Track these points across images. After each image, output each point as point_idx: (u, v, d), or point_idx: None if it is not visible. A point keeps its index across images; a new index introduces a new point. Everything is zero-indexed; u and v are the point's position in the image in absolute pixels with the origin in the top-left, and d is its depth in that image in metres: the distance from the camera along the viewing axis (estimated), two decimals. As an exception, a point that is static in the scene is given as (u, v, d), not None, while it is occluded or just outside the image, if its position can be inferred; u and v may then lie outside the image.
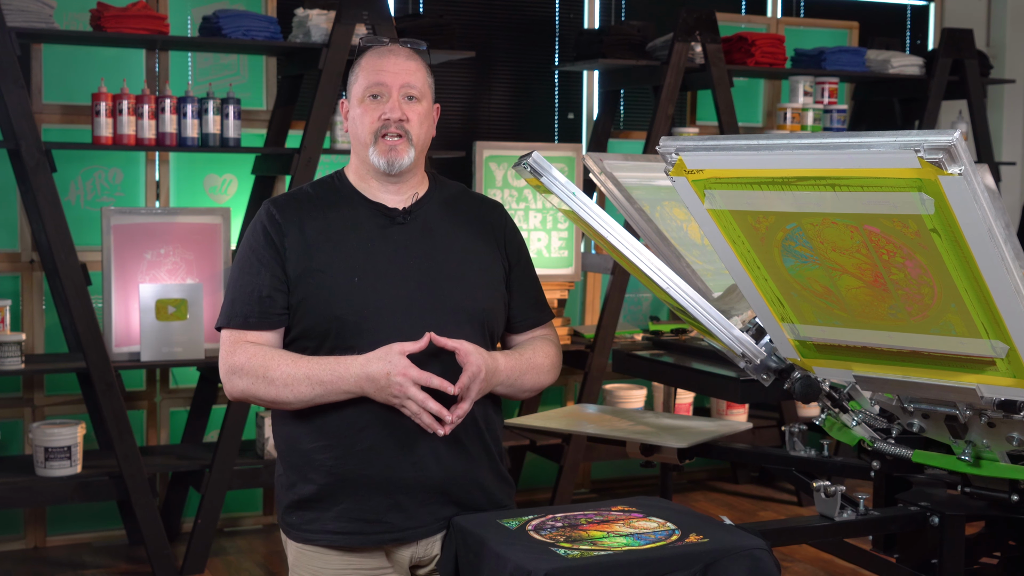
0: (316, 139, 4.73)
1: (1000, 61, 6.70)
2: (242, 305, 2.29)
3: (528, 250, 2.50)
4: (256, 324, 2.29)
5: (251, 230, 2.35)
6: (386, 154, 2.31)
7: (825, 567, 4.76)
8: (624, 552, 2.01)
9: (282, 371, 2.23)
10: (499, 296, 2.40)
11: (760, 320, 2.21)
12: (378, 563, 2.32)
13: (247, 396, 2.28)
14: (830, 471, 2.59)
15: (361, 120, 2.32)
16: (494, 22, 5.78)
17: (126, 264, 4.66)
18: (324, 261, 2.29)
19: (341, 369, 2.21)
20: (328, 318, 2.26)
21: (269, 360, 2.24)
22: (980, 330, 1.85)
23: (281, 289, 2.28)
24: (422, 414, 2.18)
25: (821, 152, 1.76)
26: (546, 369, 2.42)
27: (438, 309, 2.29)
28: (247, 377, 2.26)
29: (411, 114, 2.32)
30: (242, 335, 2.29)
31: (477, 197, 2.50)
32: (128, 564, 4.81)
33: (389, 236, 2.33)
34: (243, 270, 2.32)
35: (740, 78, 6.03)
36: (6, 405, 4.90)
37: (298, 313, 2.29)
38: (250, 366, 2.25)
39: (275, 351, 2.27)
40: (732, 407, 5.54)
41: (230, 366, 2.29)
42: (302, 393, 2.22)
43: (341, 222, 2.33)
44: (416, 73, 2.34)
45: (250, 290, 2.29)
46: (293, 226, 2.31)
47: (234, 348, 2.29)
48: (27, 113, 4.33)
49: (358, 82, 2.34)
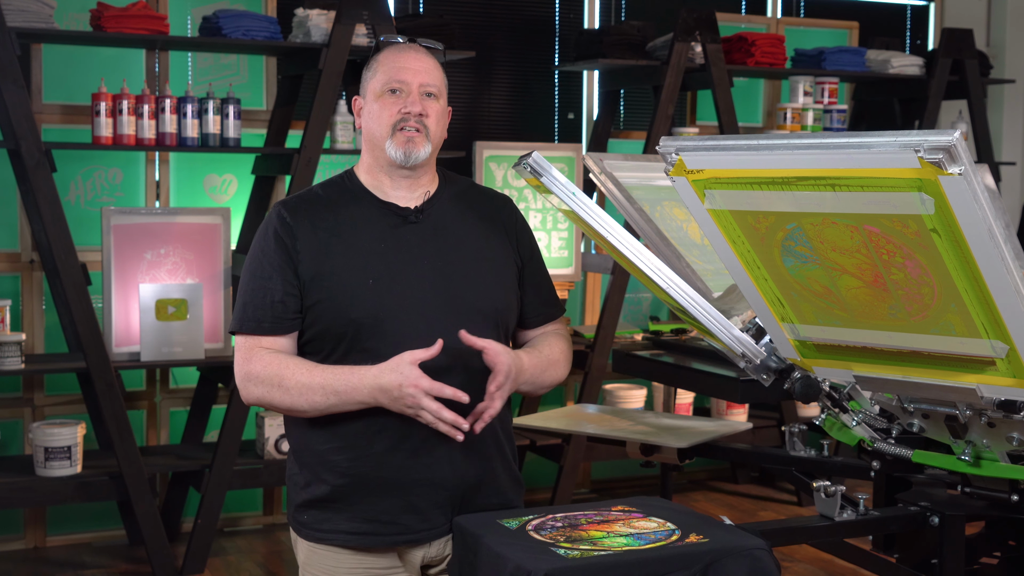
0: (316, 139, 4.72)
1: (1000, 61, 6.69)
2: (254, 310, 2.28)
3: (538, 244, 2.50)
4: (269, 329, 2.28)
5: (262, 233, 2.33)
6: (404, 145, 2.30)
7: (825, 567, 4.76)
8: (624, 552, 2.01)
9: (297, 380, 2.22)
10: (513, 294, 2.40)
11: (760, 320, 2.21)
12: (390, 563, 2.31)
13: (262, 403, 2.28)
14: (830, 471, 2.59)
15: (379, 115, 2.31)
16: (494, 22, 5.78)
17: (126, 264, 4.66)
18: (338, 263, 2.27)
19: (355, 380, 2.20)
20: (344, 321, 2.25)
21: (284, 368, 2.23)
22: (980, 330, 1.85)
23: (293, 293, 2.27)
24: (438, 424, 2.18)
25: (821, 152, 1.76)
26: (563, 364, 2.43)
27: (453, 309, 2.28)
28: (262, 385, 2.25)
29: (430, 110, 2.32)
30: (256, 341, 2.28)
31: (487, 192, 2.49)
32: (128, 564, 4.81)
33: (402, 236, 2.32)
34: (254, 274, 2.30)
35: (740, 78, 6.03)
36: (6, 405, 4.90)
37: (312, 315, 2.27)
38: (265, 374, 2.24)
39: (290, 359, 2.26)
40: (732, 407, 5.54)
41: (245, 373, 2.27)
42: (316, 402, 2.22)
43: (353, 223, 2.31)
44: (435, 72, 2.34)
45: (262, 295, 2.28)
46: (304, 228, 2.29)
47: (249, 355, 2.27)
48: (27, 113, 4.33)
49: (376, 77, 2.33)
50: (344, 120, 4.90)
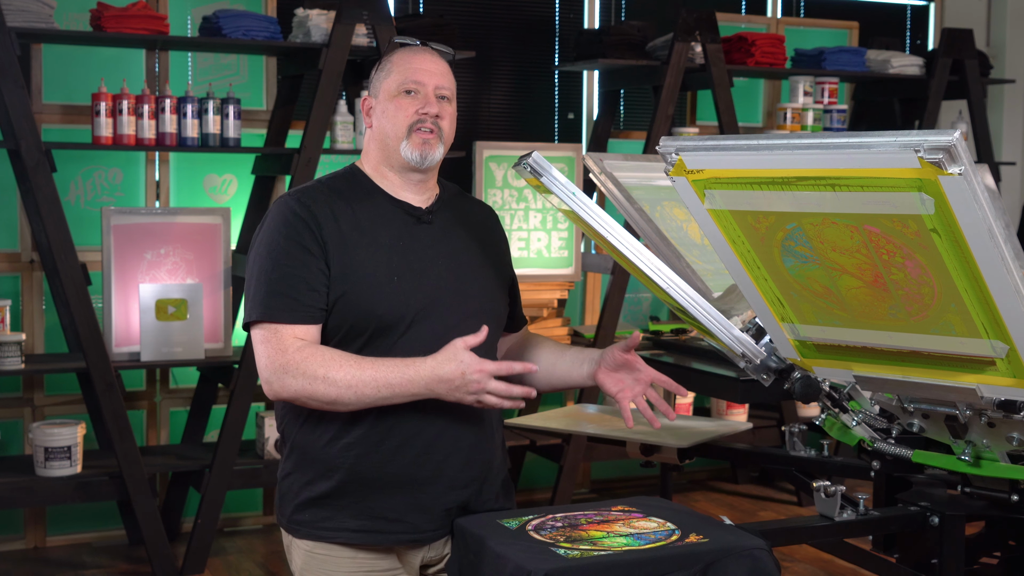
0: (316, 139, 4.72)
1: (1000, 61, 6.69)
2: (284, 297, 2.19)
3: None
4: (303, 317, 2.19)
5: (278, 220, 2.25)
6: (420, 147, 2.30)
7: (825, 567, 4.75)
8: (624, 552, 2.01)
9: (345, 372, 2.14)
10: (506, 299, 2.45)
11: (760, 320, 2.21)
12: (390, 564, 2.30)
13: (300, 396, 2.17)
14: (830, 471, 2.58)
15: (395, 115, 2.30)
16: (494, 22, 5.78)
17: (126, 264, 4.66)
18: (364, 257, 2.24)
19: (411, 373, 2.15)
20: (369, 317, 2.22)
21: (329, 360, 2.15)
22: (980, 330, 1.85)
23: (325, 283, 2.22)
24: (504, 402, 2.17)
25: (821, 152, 1.76)
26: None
27: (465, 310, 2.30)
28: (303, 378, 2.15)
29: (444, 112, 2.34)
30: (289, 330, 2.18)
31: (475, 200, 2.53)
32: (128, 564, 4.81)
33: (417, 235, 2.32)
34: (279, 261, 2.21)
35: (740, 78, 6.03)
36: (6, 405, 4.90)
37: (335, 309, 2.23)
38: (306, 366, 2.14)
39: (331, 351, 2.18)
40: (732, 407, 5.54)
41: (281, 365, 2.16)
42: (366, 396, 2.15)
43: (370, 218, 2.29)
44: (448, 75, 2.38)
45: (294, 281, 2.20)
46: (327, 218, 2.25)
47: (283, 345, 2.17)
48: (27, 113, 4.33)
49: (391, 78, 2.32)
50: (344, 120, 4.90)
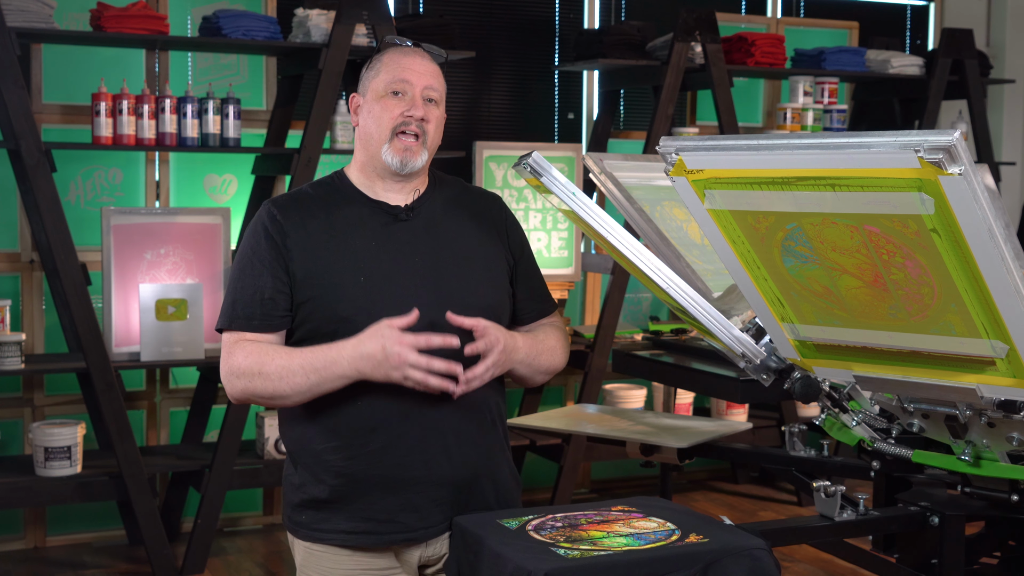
0: (316, 139, 4.73)
1: (1000, 61, 6.69)
2: (244, 307, 2.27)
3: (528, 241, 2.50)
4: (258, 326, 2.27)
5: (251, 231, 2.33)
6: (401, 154, 2.29)
7: (825, 567, 4.75)
8: (624, 552, 2.01)
9: (276, 364, 2.20)
10: (504, 291, 2.40)
11: (760, 320, 2.21)
12: (388, 563, 2.31)
13: (247, 396, 2.26)
14: (830, 471, 2.58)
15: (380, 116, 2.30)
16: (494, 22, 5.78)
17: (126, 264, 4.66)
18: (329, 261, 2.27)
19: (334, 353, 2.18)
20: (335, 319, 2.24)
21: (264, 356, 2.22)
22: (980, 330, 1.85)
23: (284, 291, 2.27)
24: (429, 379, 2.15)
25: (821, 152, 1.76)
26: (559, 351, 2.42)
27: (444, 306, 2.27)
28: (244, 377, 2.23)
29: (431, 116, 2.32)
30: (242, 336, 2.27)
31: (476, 191, 2.50)
32: (128, 564, 4.81)
33: (393, 234, 2.32)
34: (244, 271, 2.29)
35: (740, 78, 6.03)
36: (6, 405, 4.90)
37: (302, 313, 2.27)
38: (246, 364, 2.23)
39: (271, 347, 2.24)
40: (732, 407, 5.54)
41: (229, 368, 2.26)
42: (298, 384, 2.19)
43: (344, 221, 2.31)
44: (438, 77, 2.35)
45: (252, 292, 2.27)
46: (295, 226, 2.29)
47: (233, 349, 2.26)
48: (27, 113, 4.33)
49: (379, 77, 2.32)
50: (344, 120, 4.90)
